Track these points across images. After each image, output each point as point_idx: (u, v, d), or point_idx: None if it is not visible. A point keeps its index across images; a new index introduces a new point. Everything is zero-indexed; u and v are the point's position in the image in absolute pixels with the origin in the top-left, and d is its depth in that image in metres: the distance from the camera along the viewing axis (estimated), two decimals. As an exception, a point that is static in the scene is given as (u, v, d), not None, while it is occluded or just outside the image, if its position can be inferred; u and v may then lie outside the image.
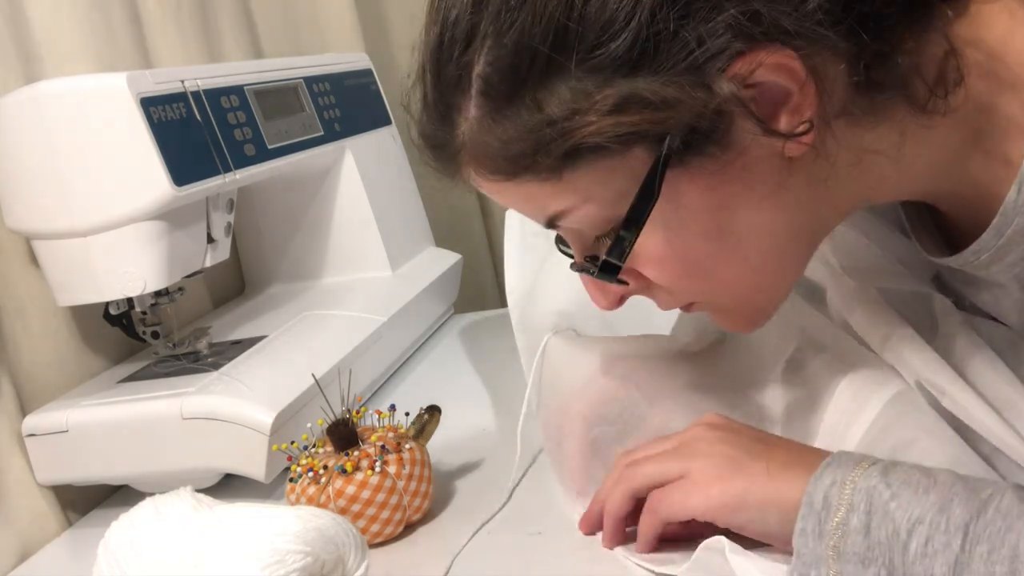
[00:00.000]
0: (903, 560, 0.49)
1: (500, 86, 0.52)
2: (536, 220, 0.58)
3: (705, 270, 0.56)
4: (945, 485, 0.50)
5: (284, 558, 0.55)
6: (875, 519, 0.51)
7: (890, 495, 0.51)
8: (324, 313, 1.04)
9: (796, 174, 0.53)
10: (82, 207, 0.78)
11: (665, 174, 0.51)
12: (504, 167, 0.54)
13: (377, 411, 0.75)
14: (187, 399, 0.80)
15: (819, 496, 0.53)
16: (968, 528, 0.48)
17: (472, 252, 1.70)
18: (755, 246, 0.55)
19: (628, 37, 0.48)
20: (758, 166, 0.52)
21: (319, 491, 0.67)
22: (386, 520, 0.68)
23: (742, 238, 0.54)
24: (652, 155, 0.51)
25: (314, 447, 0.72)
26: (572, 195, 0.54)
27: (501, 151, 0.53)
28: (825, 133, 0.51)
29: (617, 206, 0.53)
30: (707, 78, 0.48)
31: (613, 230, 0.55)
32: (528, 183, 0.54)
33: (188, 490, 0.62)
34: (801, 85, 0.49)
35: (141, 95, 0.78)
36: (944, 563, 0.48)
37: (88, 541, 0.80)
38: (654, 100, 0.48)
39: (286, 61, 1.06)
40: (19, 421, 0.83)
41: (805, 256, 0.59)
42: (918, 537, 0.49)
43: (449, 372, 1.05)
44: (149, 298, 0.87)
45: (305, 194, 1.15)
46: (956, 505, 0.49)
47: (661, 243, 0.54)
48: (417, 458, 0.71)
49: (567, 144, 0.51)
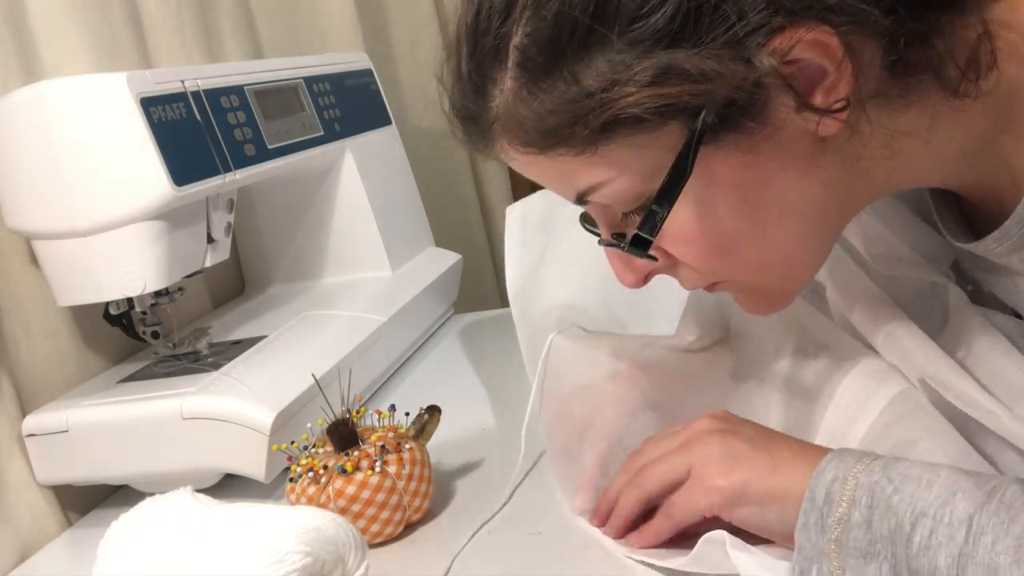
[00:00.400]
0: (906, 553, 0.49)
1: (538, 58, 0.51)
2: (565, 196, 0.58)
3: (733, 248, 0.56)
4: (948, 480, 0.51)
5: (284, 558, 0.55)
6: (877, 513, 0.51)
7: (892, 489, 0.51)
8: (324, 313, 1.04)
9: (829, 154, 0.52)
10: (82, 207, 0.78)
11: (699, 149, 0.51)
12: (539, 140, 0.54)
13: (377, 411, 0.75)
14: (187, 399, 0.80)
15: (821, 491, 0.53)
16: (972, 520, 0.48)
17: (472, 252, 1.70)
18: (784, 226, 0.55)
19: (669, 9, 0.48)
20: (792, 144, 0.52)
21: (319, 491, 0.67)
22: (386, 520, 0.68)
23: (772, 217, 0.54)
24: (687, 130, 0.51)
25: (314, 447, 0.72)
26: (606, 169, 0.54)
27: (537, 123, 0.53)
28: (859, 113, 0.51)
29: (649, 181, 0.53)
30: (747, 52, 0.48)
31: (643, 205, 0.55)
32: (561, 157, 0.54)
33: (188, 490, 0.62)
34: (838, 64, 0.49)
35: (141, 95, 0.78)
36: (948, 555, 0.48)
37: (88, 541, 0.80)
38: (694, 72, 0.48)
39: (286, 61, 1.06)
40: (19, 421, 0.83)
41: (832, 238, 0.59)
42: (921, 530, 0.49)
43: (449, 372, 1.05)
44: (149, 298, 0.87)
45: (305, 194, 1.15)
46: (960, 498, 0.49)
47: (691, 220, 0.54)
48: (417, 458, 0.71)
49: (604, 116, 0.50)
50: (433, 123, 1.78)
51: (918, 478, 0.51)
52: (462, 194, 1.80)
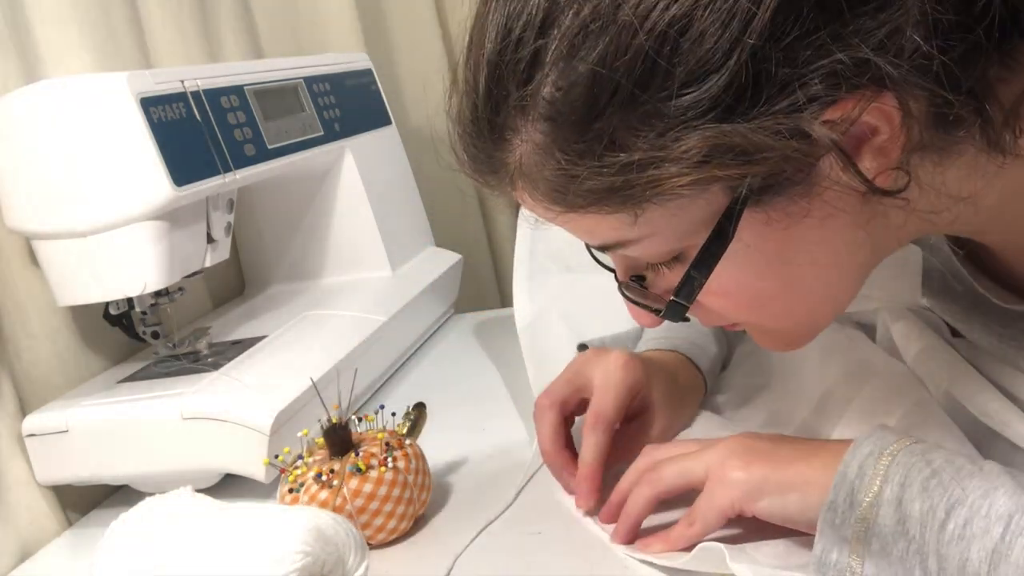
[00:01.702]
0: (938, 539, 0.48)
1: (571, 116, 0.47)
2: (588, 243, 0.56)
3: (766, 303, 0.54)
4: (991, 474, 0.49)
5: (284, 558, 0.55)
6: (909, 492, 0.50)
7: (930, 472, 0.50)
8: (324, 313, 1.04)
9: (870, 209, 0.50)
10: (82, 207, 0.78)
11: (742, 215, 0.48)
12: (565, 200, 0.50)
13: (366, 415, 0.75)
14: (187, 399, 0.80)
15: (854, 464, 0.52)
16: (1012, 519, 0.47)
17: (472, 252, 1.70)
18: (818, 280, 0.54)
19: (724, 78, 0.44)
20: (834, 203, 0.49)
21: (333, 494, 0.67)
22: (401, 515, 0.69)
23: (808, 274, 0.53)
24: (728, 195, 0.48)
25: (301, 457, 0.72)
26: (638, 229, 0.50)
27: (565, 184, 0.49)
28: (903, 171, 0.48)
29: (684, 239, 0.51)
30: (803, 123, 0.45)
31: (672, 260, 0.53)
32: (590, 216, 0.51)
33: (188, 490, 0.62)
34: (894, 128, 0.46)
35: (141, 95, 0.78)
36: (981, 549, 0.47)
37: (88, 541, 0.81)
38: (747, 148, 0.45)
39: (286, 61, 1.06)
40: (19, 421, 0.83)
41: (860, 284, 0.57)
42: (956, 518, 0.48)
43: (449, 372, 1.05)
44: (149, 298, 0.87)
45: (305, 194, 1.15)
46: (1001, 494, 0.48)
47: (727, 281, 0.52)
48: (418, 453, 0.72)
49: (647, 191, 0.47)
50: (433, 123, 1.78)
51: (959, 466, 0.50)
52: (462, 194, 1.80)
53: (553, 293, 0.94)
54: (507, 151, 0.51)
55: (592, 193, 0.48)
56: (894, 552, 0.50)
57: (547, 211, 0.52)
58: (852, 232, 0.51)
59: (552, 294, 0.93)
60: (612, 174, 0.47)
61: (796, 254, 0.51)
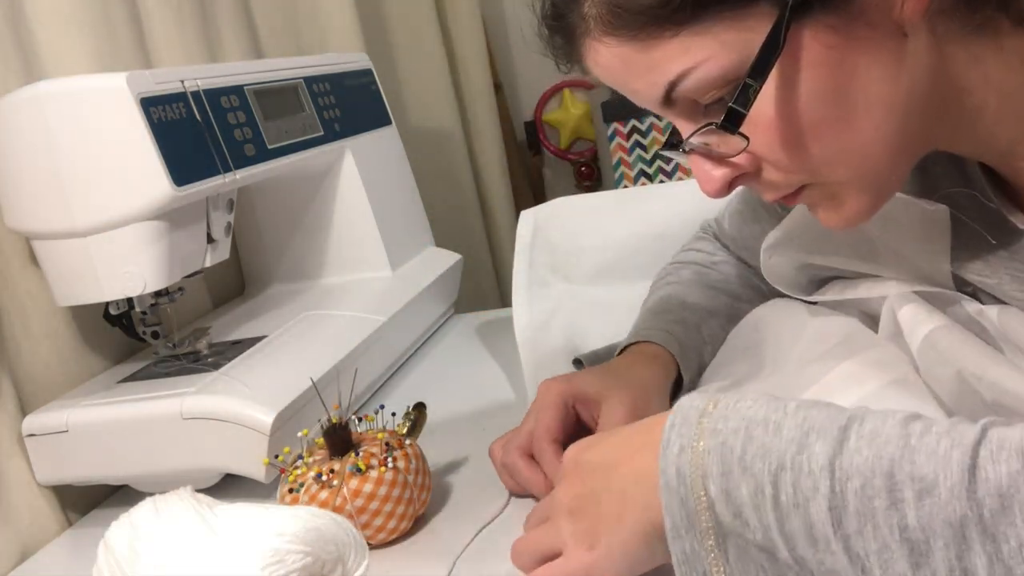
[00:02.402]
0: (775, 517, 0.46)
1: None
2: (653, 96, 0.58)
3: (819, 136, 0.55)
4: (797, 417, 0.48)
5: (284, 558, 0.55)
6: (732, 479, 0.48)
7: (741, 445, 0.48)
8: (324, 313, 1.04)
9: (911, 52, 0.53)
10: (82, 207, 0.78)
11: (790, 26, 0.51)
12: (631, 21, 0.54)
13: (366, 415, 0.75)
14: (187, 399, 0.80)
15: (671, 470, 0.50)
16: (833, 465, 0.45)
17: (472, 252, 1.70)
18: (870, 116, 0.55)
19: None
20: (877, 30, 0.52)
21: (333, 494, 0.67)
22: (401, 515, 0.69)
23: (858, 104, 0.54)
24: (777, 8, 0.52)
25: (301, 457, 0.72)
26: (696, 51, 0.54)
27: (631, 4, 0.53)
28: (936, 16, 0.53)
29: (738, 62, 0.53)
30: None
31: (731, 91, 0.55)
32: (652, 44, 0.54)
33: (188, 490, 0.62)
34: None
35: (141, 95, 0.78)
36: (818, 509, 0.45)
37: (88, 541, 0.80)
38: None
39: (286, 61, 1.06)
40: (19, 421, 0.83)
41: (912, 150, 0.59)
42: (784, 487, 0.46)
43: (449, 372, 1.05)
44: (149, 298, 0.87)
45: (305, 194, 1.15)
46: (814, 440, 0.46)
47: (780, 101, 0.54)
48: (419, 453, 0.72)
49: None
50: (433, 123, 1.79)
51: (764, 421, 0.48)
52: (462, 194, 1.80)
53: (552, 305, 0.94)
54: (578, 9, 0.56)
55: (652, 9, 0.53)
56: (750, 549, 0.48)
57: (613, 49, 0.56)
58: (895, 73, 0.54)
59: (550, 306, 0.94)
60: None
61: (844, 83, 0.54)
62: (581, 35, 0.58)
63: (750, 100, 0.54)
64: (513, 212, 1.91)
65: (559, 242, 0.58)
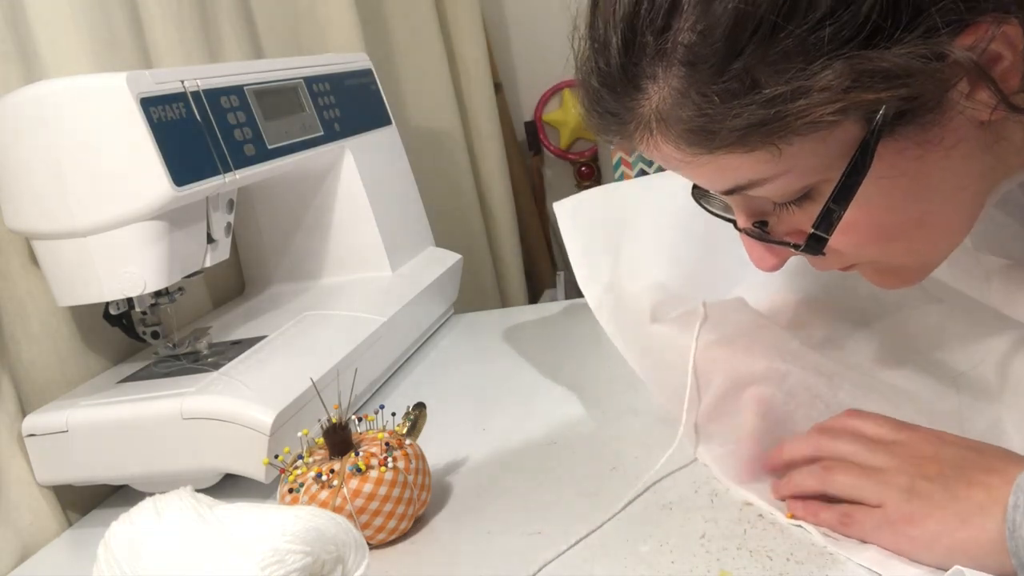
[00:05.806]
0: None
1: (711, 58, 0.48)
2: (713, 188, 0.56)
3: (894, 236, 0.54)
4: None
5: (284, 558, 0.55)
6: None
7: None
8: (324, 313, 1.04)
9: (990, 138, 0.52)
10: (82, 207, 0.78)
11: (878, 145, 0.49)
12: (702, 140, 0.51)
13: (366, 415, 0.75)
14: (187, 399, 0.80)
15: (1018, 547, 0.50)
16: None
17: (472, 252, 1.70)
18: (943, 212, 0.54)
19: (867, 3, 0.46)
20: (958, 131, 0.51)
21: (333, 494, 0.67)
22: (401, 515, 0.69)
23: (934, 205, 0.53)
24: (864, 126, 0.49)
25: (300, 457, 0.72)
26: (774, 166, 0.52)
27: (704, 125, 0.50)
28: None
29: (818, 175, 0.52)
30: (940, 47, 0.46)
31: (802, 199, 0.53)
32: (726, 156, 0.52)
33: (188, 490, 0.62)
34: (1017, 54, 0.48)
35: (141, 95, 0.78)
36: None
37: (88, 541, 0.81)
38: (893, 72, 0.46)
39: (286, 61, 1.06)
40: (19, 421, 0.83)
41: (977, 214, 0.57)
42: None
43: (449, 372, 1.05)
44: (149, 298, 0.87)
45: (305, 194, 1.15)
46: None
47: (861, 214, 0.53)
48: (418, 453, 0.72)
49: (793, 123, 0.48)
50: (433, 123, 1.79)
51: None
52: (462, 194, 1.80)
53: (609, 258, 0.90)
54: (641, 101, 0.52)
55: (735, 131, 0.49)
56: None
57: (681, 156, 0.53)
58: (972, 162, 0.52)
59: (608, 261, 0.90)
60: (752, 111, 0.48)
61: (924, 186, 0.52)
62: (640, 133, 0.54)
63: (834, 225, 0.52)
64: (513, 212, 1.91)
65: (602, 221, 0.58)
